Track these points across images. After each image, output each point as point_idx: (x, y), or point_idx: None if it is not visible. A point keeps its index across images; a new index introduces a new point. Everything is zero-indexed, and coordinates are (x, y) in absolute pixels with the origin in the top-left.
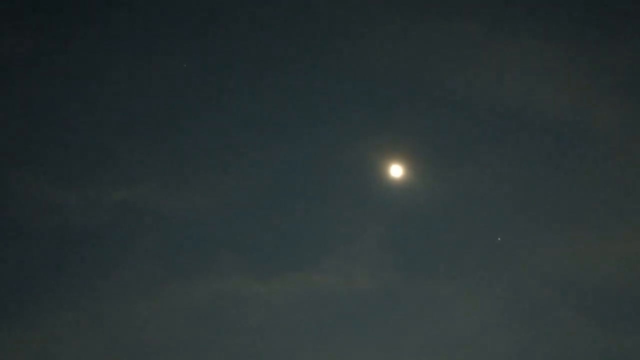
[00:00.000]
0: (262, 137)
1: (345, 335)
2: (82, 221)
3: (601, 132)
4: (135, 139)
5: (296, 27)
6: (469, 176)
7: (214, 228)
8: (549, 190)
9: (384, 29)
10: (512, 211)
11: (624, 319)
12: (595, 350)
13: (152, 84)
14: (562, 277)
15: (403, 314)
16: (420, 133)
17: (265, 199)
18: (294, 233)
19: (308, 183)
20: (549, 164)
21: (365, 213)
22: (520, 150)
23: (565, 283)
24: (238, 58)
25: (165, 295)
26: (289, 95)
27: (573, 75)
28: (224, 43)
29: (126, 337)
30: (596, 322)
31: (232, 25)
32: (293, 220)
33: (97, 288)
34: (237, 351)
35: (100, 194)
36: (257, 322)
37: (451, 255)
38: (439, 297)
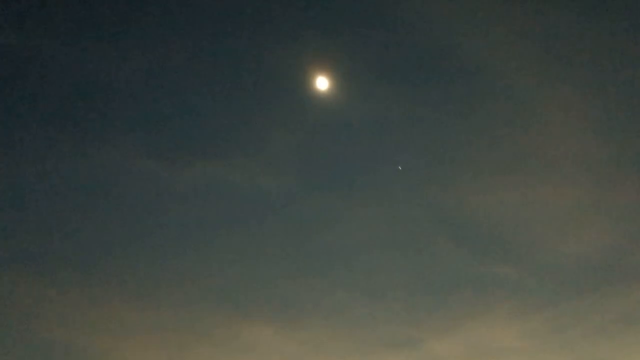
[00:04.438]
0: (191, 24)
1: (244, 230)
2: None
3: (522, 87)
4: None
5: None
6: (391, 102)
7: (118, 94)
8: (461, 132)
9: None
10: (422, 144)
11: (495, 252)
12: (466, 275)
13: None
14: (446, 211)
15: (301, 218)
16: (354, 51)
17: (182, 82)
18: (207, 124)
19: (230, 78)
20: (468, 106)
21: (281, 118)
22: (446, 87)
23: (447, 217)
24: None
25: (50, 161)
26: None
27: (502, 26)
28: None
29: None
30: (470, 252)
31: None
32: (207, 111)
33: None
34: (125, 227)
35: None
36: (154, 204)
37: (354, 173)
38: (335, 208)
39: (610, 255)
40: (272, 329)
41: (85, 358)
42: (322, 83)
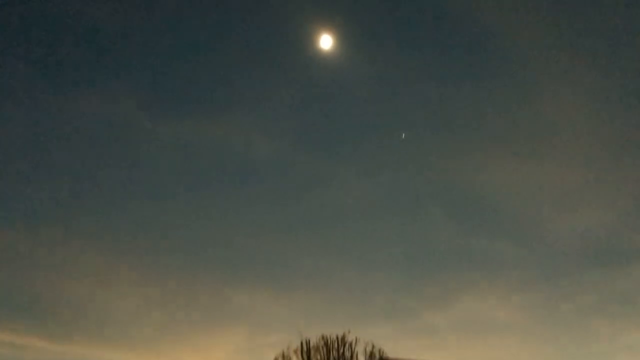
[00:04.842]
0: None
1: (235, 193)
2: None
3: (533, 58)
4: None
5: None
6: (396, 67)
7: (112, 41)
8: (466, 103)
9: None
10: (425, 113)
11: (495, 227)
12: (453, 246)
13: None
14: (441, 183)
15: (295, 182)
16: (361, 10)
17: (182, 34)
18: (203, 82)
19: (229, 36)
20: (475, 75)
21: (280, 77)
22: (453, 53)
23: (441, 189)
24: None
25: (42, 107)
26: None
27: None
28: None
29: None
30: (468, 225)
31: None
32: (204, 68)
33: None
34: (112, 175)
35: None
36: (140, 155)
37: (352, 138)
38: (331, 173)
39: (610, 233)
40: (263, 295)
41: (71, 307)
42: (326, 41)
